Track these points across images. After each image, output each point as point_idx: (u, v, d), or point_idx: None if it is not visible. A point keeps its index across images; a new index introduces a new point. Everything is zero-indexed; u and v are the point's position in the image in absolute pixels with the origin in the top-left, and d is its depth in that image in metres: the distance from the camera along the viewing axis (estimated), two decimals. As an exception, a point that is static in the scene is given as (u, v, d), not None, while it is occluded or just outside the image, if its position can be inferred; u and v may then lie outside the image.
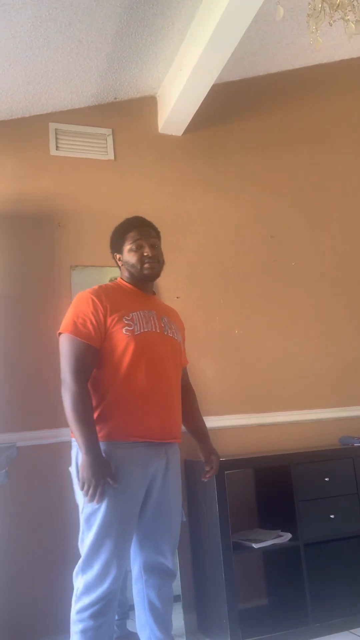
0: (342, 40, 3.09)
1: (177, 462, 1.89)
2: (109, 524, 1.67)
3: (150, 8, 2.42)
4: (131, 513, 1.72)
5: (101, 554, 1.67)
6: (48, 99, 2.76)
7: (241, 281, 2.99)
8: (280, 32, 2.92)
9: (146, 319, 1.85)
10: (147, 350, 1.80)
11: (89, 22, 2.37)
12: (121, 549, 1.69)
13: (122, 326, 1.79)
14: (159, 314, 1.93)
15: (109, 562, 1.66)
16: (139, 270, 1.92)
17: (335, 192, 3.33)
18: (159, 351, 1.84)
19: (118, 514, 1.68)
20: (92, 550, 1.67)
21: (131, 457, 1.73)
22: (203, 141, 3.10)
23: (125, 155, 2.95)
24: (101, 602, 1.65)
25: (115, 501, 1.67)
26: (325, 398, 2.97)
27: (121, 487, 1.68)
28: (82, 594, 1.67)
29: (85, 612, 1.65)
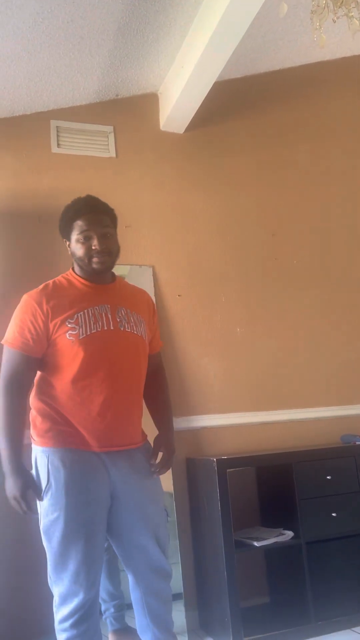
0: (345, 37, 3.09)
1: (144, 459, 1.79)
2: (71, 534, 1.61)
3: (152, 5, 2.40)
4: (95, 517, 1.65)
5: (69, 565, 1.61)
6: (49, 96, 2.75)
7: (243, 279, 2.98)
8: (283, 30, 2.91)
9: (95, 318, 1.72)
10: (96, 354, 1.69)
11: (90, 18, 2.36)
12: (90, 556, 1.62)
13: (65, 331, 1.68)
14: (115, 307, 1.78)
15: (78, 572, 1.60)
16: (87, 264, 1.77)
17: (337, 190, 3.33)
18: (113, 352, 1.72)
19: (80, 522, 1.62)
20: (58, 562, 1.62)
21: (90, 459, 1.67)
22: (205, 139, 3.09)
23: (127, 153, 2.94)
24: (80, 612, 1.60)
25: (74, 509, 1.62)
26: (327, 396, 2.97)
27: (79, 493, 1.63)
28: (60, 604, 1.63)
29: (66, 622, 1.61)
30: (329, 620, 2.32)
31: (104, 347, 1.71)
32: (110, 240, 1.80)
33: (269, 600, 2.59)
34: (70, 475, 1.64)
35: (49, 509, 1.64)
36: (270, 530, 2.47)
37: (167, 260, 2.86)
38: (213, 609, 2.38)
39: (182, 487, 2.60)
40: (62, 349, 1.70)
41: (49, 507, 1.64)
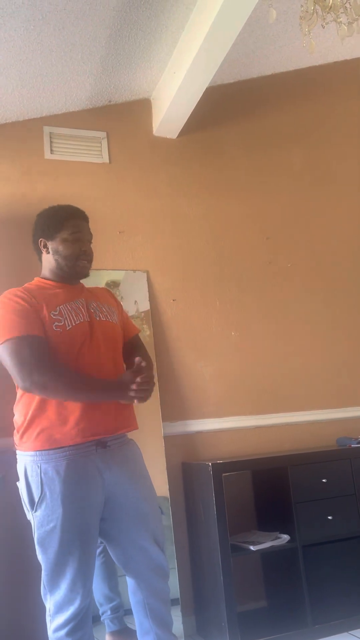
0: (335, 42, 3.11)
1: (137, 459, 1.80)
2: (68, 543, 1.60)
3: (143, 11, 2.42)
4: (90, 525, 1.65)
5: (66, 574, 1.60)
6: (42, 102, 2.76)
7: (237, 283, 2.99)
8: (274, 35, 2.93)
9: (75, 311, 1.74)
10: (82, 344, 1.71)
11: (82, 25, 2.37)
12: (85, 563, 1.62)
13: (52, 322, 1.68)
14: (87, 301, 1.82)
15: (75, 580, 1.60)
16: (71, 264, 1.79)
17: (330, 193, 3.34)
18: (95, 341, 1.74)
19: (76, 530, 1.61)
20: (55, 571, 1.61)
21: (84, 465, 1.65)
22: (198, 143, 3.11)
23: (120, 158, 2.95)
24: (75, 619, 1.60)
25: (70, 517, 1.60)
26: (322, 399, 2.97)
27: (75, 500, 1.61)
28: (55, 613, 1.62)
29: (61, 631, 1.60)
30: (326, 623, 2.32)
31: (86, 337, 1.73)
32: (91, 249, 1.87)
33: (266, 604, 2.58)
34: (65, 484, 1.62)
35: (43, 519, 1.62)
36: (266, 534, 2.47)
37: (161, 265, 2.87)
38: (210, 614, 2.37)
39: (177, 491, 2.59)
40: (50, 342, 1.67)
41: (44, 517, 1.62)
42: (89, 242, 1.85)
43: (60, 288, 1.81)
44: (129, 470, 1.75)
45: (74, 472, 1.64)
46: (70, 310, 1.74)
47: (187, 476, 2.59)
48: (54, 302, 1.73)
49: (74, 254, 1.79)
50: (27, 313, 1.67)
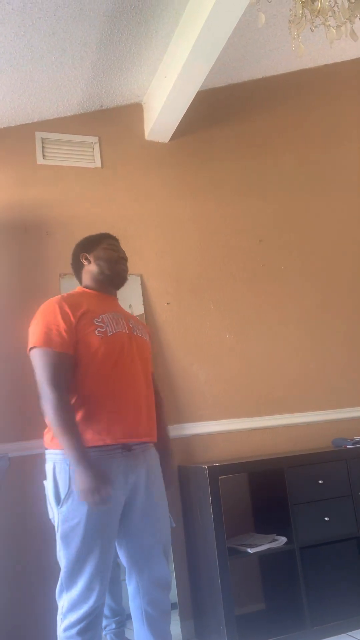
0: (325, 45, 3.13)
1: (157, 467, 1.88)
2: (90, 540, 1.64)
3: (133, 17, 2.43)
4: (112, 525, 1.70)
5: (85, 571, 1.64)
6: (34, 108, 2.76)
7: (231, 286, 3.00)
8: (264, 39, 2.94)
9: (116, 321, 1.86)
10: (120, 351, 1.81)
11: (72, 31, 2.38)
12: (104, 562, 1.66)
13: (94, 329, 1.79)
14: (125, 316, 1.96)
15: (92, 578, 1.64)
16: (113, 266, 1.96)
17: (322, 195, 3.36)
18: (132, 351, 1.85)
19: (99, 528, 1.65)
20: (74, 567, 1.65)
21: (110, 466, 1.70)
22: (190, 147, 3.12)
23: (112, 163, 2.96)
24: (88, 618, 1.62)
25: (95, 514, 1.64)
26: (317, 401, 2.98)
27: None
28: (68, 611, 1.64)
29: (73, 629, 1.62)
30: (325, 625, 2.32)
31: (127, 345, 1.85)
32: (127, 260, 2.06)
33: (264, 606, 2.58)
34: None
35: (68, 515, 1.66)
36: (263, 537, 2.47)
37: (155, 269, 2.87)
38: (208, 618, 2.37)
39: (174, 495, 2.59)
40: (91, 346, 1.77)
41: (69, 513, 1.66)
42: (124, 258, 2.03)
43: (102, 298, 1.95)
44: (148, 476, 1.81)
45: (102, 467, 1.68)
46: (112, 319, 1.86)
47: (183, 479, 2.59)
48: (97, 310, 1.85)
49: (114, 258, 1.98)
50: (63, 326, 1.75)
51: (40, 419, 2.42)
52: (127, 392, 1.79)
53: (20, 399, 2.46)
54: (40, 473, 2.14)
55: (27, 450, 2.39)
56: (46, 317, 1.79)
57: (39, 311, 1.84)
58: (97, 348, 1.77)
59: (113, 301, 1.99)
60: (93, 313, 1.82)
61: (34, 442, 2.40)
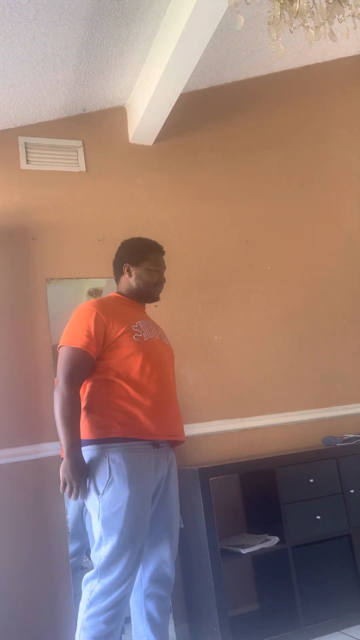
0: (305, 46, 3.14)
1: (175, 467, 1.99)
2: (132, 524, 1.71)
3: (113, 20, 2.43)
4: (147, 513, 1.78)
5: (123, 558, 1.70)
6: (16, 113, 2.75)
7: (218, 287, 3.00)
8: (245, 41, 2.95)
9: (148, 328, 1.99)
10: (154, 355, 1.93)
11: (52, 35, 2.37)
12: (139, 551, 1.74)
13: (131, 334, 1.91)
14: (154, 324, 2.08)
15: (128, 564, 1.70)
16: (150, 289, 2.07)
17: (307, 195, 3.37)
18: (163, 357, 1.98)
19: (139, 513, 1.74)
20: (115, 554, 1.70)
21: (145, 458, 1.81)
22: (174, 149, 3.12)
23: (97, 167, 2.95)
24: (115, 608, 1.68)
25: (135, 499, 1.73)
26: (306, 400, 2.99)
27: (139, 485, 1.75)
28: (96, 598, 1.68)
29: (100, 616, 1.66)
30: (318, 623, 2.32)
31: (158, 351, 1.97)
32: (164, 279, 2.15)
33: (258, 607, 2.58)
34: (132, 470, 1.76)
35: (111, 501, 1.73)
36: (255, 537, 2.47)
37: (141, 272, 2.86)
38: (202, 620, 2.36)
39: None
40: (128, 349, 1.88)
41: (111, 499, 1.73)
42: (162, 282, 2.12)
43: (134, 307, 2.06)
44: (169, 474, 1.92)
45: (138, 462, 1.79)
46: (146, 326, 1.99)
47: (174, 482, 2.58)
48: (134, 316, 1.98)
49: (153, 282, 2.07)
50: (95, 330, 1.85)
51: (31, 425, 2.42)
52: (164, 393, 1.90)
53: (10, 405, 2.45)
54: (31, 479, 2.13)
55: (17, 456, 2.38)
56: (80, 319, 1.89)
57: (74, 313, 1.94)
58: (135, 351, 1.88)
59: (143, 310, 2.11)
60: (130, 319, 1.94)
61: (24, 448, 2.40)
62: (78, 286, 2.72)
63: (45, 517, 2.35)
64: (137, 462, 1.78)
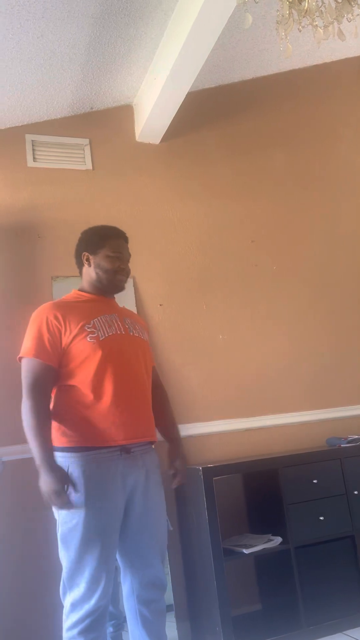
0: (314, 46, 3.13)
1: (156, 469, 1.88)
2: (89, 541, 1.66)
3: (121, 19, 2.42)
4: (112, 526, 1.71)
5: (85, 571, 1.65)
6: (23, 110, 2.75)
7: (223, 287, 2.99)
8: (254, 39, 2.94)
9: (109, 323, 1.87)
10: (114, 354, 1.82)
11: (61, 33, 2.37)
12: (105, 563, 1.67)
13: (85, 335, 1.80)
14: (121, 316, 1.95)
15: (93, 578, 1.65)
16: (111, 278, 1.93)
17: (313, 195, 3.36)
18: (127, 352, 1.86)
19: (98, 529, 1.67)
20: (75, 568, 1.66)
21: (108, 468, 1.73)
22: (181, 148, 3.11)
23: (104, 165, 2.95)
24: (90, 617, 1.63)
25: (93, 516, 1.66)
26: (311, 400, 2.98)
27: (98, 500, 1.68)
28: (70, 611, 1.66)
29: (75, 629, 1.63)
30: (320, 624, 2.32)
31: (119, 348, 1.85)
32: (129, 268, 2.02)
33: (260, 607, 2.58)
34: (89, 482, 1.69)
35: (67, 516, 1.68)
36: (258, 537, 2.46)
37: (147, 270, 2.86)
38: (204, 619, 2.36)
39: (169, 497, 2.57)
40: (82, 353, 1.79)
41: (67, 514, 1.68)
42: (128, 260, 2.00)
43: (96, 301, 1.95)
44: (147, 479, 1.81)
45: (98, 473, 1.71)
46: (104, 322, 1.86)
47: (178, 481, 2.58)
48: (88, 315, 1.85)
49: (114, 269, 1.93)
50: (49, 337, 1.79)
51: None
52: (127, 393, 1.80)
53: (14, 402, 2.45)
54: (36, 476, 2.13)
55: (22, 453, 2.38)
56: (35, 327, 1.83)
57: (31, 319, 1.86)
58: (90, 353, 1.79)
59: (108, 303, 1.98)
60: (84, 319, 1.83)
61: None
62: (83, 284, 2.72)
63: (51, 513, 2.35)
64: (97, 474, 1.70)
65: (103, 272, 1.93)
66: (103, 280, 1.94)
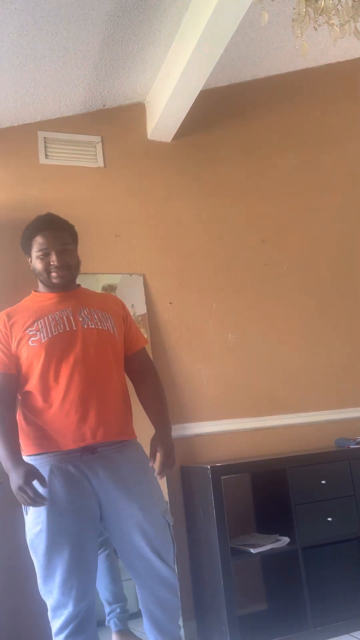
0: (328, 44, 3.12)
1: (138, 466, 1.77)
2: (55, 545, 1.62)
3: (136, 16, 2.42)
4: (81, 527, 1.65)
5: (55, 577, 1.61)
6: (36, 107, 2.76)
7: (233, 286, 2.99)
8: (267, 38, 2.93)
9: (56, 322, 1.78)
10: (59, 354, 1.74)
11: (75, 30, 2.37)
12: (77, 567, 1.62)
13: (27, 339, 1.76)
14: (76, 309, 1.83)
15: (65, 584, 1.61)
16: (47, 279, 1.85)
17: (324, 194, 3.35)
18: (77, 350, 1.75)
19: (63, 532, 1.62)
20: (45, 574, 1.63)
21: (67, 471, 1.68)
22: (192, 147, 3.11)
23: (115, 162, 2.95)
24: (73, 622, 1.60)
25: (55, 520, 1.63)
26: (320, 400, 2.97)
27: (58, 504, 1.64)
28: (52, 617, 1.64)
29: (60, 634, 1.61)
30: (327, 625, 2.31)
31: (67, 347, 1.75)
32: (69, 255, 1.88)
33: (267, 607, 2.57)
34: (49, 488, 1.65)
35: (32, 522, 1.67)
36: (266, 537, 2.46)
37: (157, 269, 2.87)
38: (211, 618, 2.36)
39: (176, 495, 2.59)
40: (28, 358, 1.75)
41: (32, 520, 1.66)
42: (63, 251, 1.85)
43: (49, 299, 1.87)
44: (120, 477, 1.72)
45: (59, 477, 1.67)
46: (50, 322, 1.78)
47: (185, 479, 2.58)
48: (33, 318, 1.80)
49: (45, 269, 1.84)
50: (3, 342, 1.78)
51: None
52: (78, 394, 1.71)
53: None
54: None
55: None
56: None
57: None
58: (34, 357, 1.74)
59: (64, 298, 1.87)
60: (27, 322, 1.79)
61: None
62: (93, 281, 2.72)
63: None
64: (57, 477, 1.66)
65: (38, 274, 1.87)
66: (43, 281, 1.88)
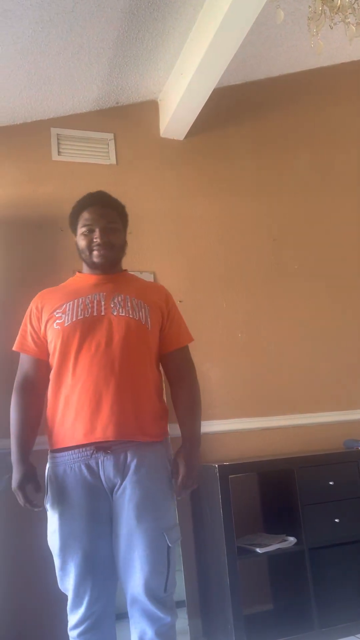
0: (343, 43, 3.08)
1: (147, 468, 1.61)
2: (67, 546, 1.58)
3: (150, 13, 2.42)
4: (93, 529, 1.57)
5: (70, 577, 1.58)
6: (50, 104, 2.77)
7: (244, 284, 2.98)
8: (282, 36, 2.92)
9: (84, 305, 1.66)
10: (78, 340, 1.62)
11: (89, 27, 2.38)
12: (90, 570, 1.56)
13: (54, 321, 1.67)
14: (111, 294, 1.71)
15: (78, 585, 1.57)
16: (88, 257, 1.75)
17: (337, 194, 3.33)
18: (99, 334, 1.63)
19: (75, 535, 1.57)
20: (62, 574, 1.61)
21: (79, 469, 1.59)
22: (205, 145, 3.11)
23: (127, 160, 2.95)
24: (87, 621, 1.57)
25: (65, 521, 1.58)
26: (329, 401, 2.96)
27: (70, 507, 1.58)
28: (69, 612, 1.62)
29: (75, 630, 1.60)
30: (333, 626, 2.31)
31: (88, 333, 1.63)
32: (114, 234, 1.77)
33: (272, 607, 2.57)
34: (61, 487, 1.60)
35: (49, 519, 1.64)
36: (273, 537, 2.46)
37: (168, 266, 2.87)
38: (216, 617, 2.36)
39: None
40: (52, 341, 1.68)
41: (50, 517, 1.64)
42: (108, 229, 1.75)
43: (88, 281, 1.78)
44: (135, 481, 1.59)
45: (71, 478, 1.60)
46: (79, 305, 1.67)
47: (193, 478, 2.58)
48: (64, 299, 1.71)
49: (87, 247, 1.75)
50: (31, 329, 1.75)
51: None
52: (94, 385, 1.59)
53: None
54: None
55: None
56: (24, 319, 1.80)
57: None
58: (56, 341, 1.65)
59: (100, 280, 1.76)
60: (57, 304, 1.70)
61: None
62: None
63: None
64: (69, 476, 1.59)
65: (81, 252, 1.78)
66: (85, 260, 1.78)
